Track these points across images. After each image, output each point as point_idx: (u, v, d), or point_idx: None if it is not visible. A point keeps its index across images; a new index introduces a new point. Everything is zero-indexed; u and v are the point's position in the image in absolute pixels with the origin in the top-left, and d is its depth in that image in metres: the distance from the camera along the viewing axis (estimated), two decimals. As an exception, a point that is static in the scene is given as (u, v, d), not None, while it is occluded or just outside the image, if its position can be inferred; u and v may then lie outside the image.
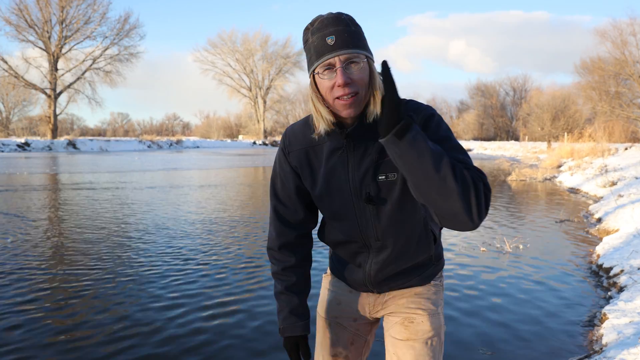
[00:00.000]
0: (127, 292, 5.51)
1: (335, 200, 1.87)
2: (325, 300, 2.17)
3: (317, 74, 1.69)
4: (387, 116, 1.50)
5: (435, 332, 1.96)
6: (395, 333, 1.98)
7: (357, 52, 1.65)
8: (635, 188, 12.13)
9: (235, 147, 71.32)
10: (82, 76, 66.25)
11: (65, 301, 5.21)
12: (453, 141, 1.69)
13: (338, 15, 1.70)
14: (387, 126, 1.50)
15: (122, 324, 4.59)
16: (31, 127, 78.72)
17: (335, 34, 1.65)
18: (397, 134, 1.48)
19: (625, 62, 45.36)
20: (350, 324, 2.10)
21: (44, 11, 61.46)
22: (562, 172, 22.74)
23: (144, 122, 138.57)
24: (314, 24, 1.70)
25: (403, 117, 1.50)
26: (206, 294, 5.50)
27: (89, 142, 54.72)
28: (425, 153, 1.47)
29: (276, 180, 2.00)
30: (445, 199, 1.49)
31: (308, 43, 1.71)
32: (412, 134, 1.48)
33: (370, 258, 1.94)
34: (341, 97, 1.65)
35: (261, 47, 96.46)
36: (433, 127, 1.71)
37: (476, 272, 6.47)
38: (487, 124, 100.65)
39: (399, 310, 2.00)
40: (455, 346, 4.24)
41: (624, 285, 5.55)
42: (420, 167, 1.48)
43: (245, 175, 22.78)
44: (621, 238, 7.57)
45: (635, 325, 4.19)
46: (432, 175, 1.47)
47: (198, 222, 9.90)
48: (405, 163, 1.51)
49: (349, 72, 1.64)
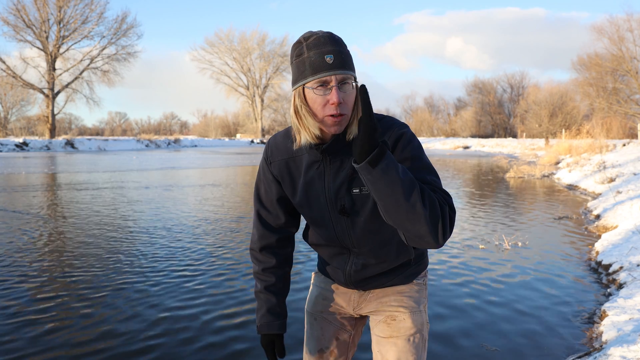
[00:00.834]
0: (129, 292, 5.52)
1: (313, 209, 1.96)
2: (312, 296, 2.26)
3: (310, 89, 1.72)
4: (362, 142, 1.53)
5: (417, 330, 2.03)
6: (379, 331, 2.06)
7: (350, 73, 1.73)
8: (634, 184, 12.14)
9: (233, 146, 71.34)
10: (79, 76, 66.33)
11: (64, 301, 5.21)
12: (423, 160, 1.77)
13: (332, 35, 1.77)
14: (361, 153, 1.53)
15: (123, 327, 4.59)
16: (29, 127, 78.57)
17: (334, 53, 1.71)
18: (371, 162, 1.51)
19: (622, 58, 45.42)
20: (335, 319, 2.19)
21: (42, 11, 61.54)
22: (560, 168, 22.77)
23: (141, 121, 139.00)
24: (309, 40, 1.75)
25: (377, 144, 1.53)
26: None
27: (87, 142, 54.71)
28: (397, 181, 1.51)
29: (260, 186, 2.08)
30: (413, 223, 1.56)
31: (303, 57, 1.74)
32: (385, 162, 1.51)
33: (350, 260, 2.02)
34: (333, 114, 1.71)
35: (258, 46, 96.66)
36: (403, 145, 1.78)
37: (475, 269, 6.46)
38: (484, 121, 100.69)
39: (382, 309, 2.08)
40: (453, 343, 4.24)
41: (623, 282, 5.55)
42: (391, 194, 1.53)
43: (243, 174, 22.77)
44: (620, 235, 7.57)
45: (635, 322, 4.20)
46: (401, 202, 1.53)
47: (199, 221, 9.90)
48: (376, 189, 1.55)
49: (342, 92, 1.71)
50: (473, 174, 23.36)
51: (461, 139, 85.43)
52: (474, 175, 22.60)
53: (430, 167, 1.76)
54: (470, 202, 13.06)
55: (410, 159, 1.75)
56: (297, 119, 1.78)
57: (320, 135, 1.79)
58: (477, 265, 6.68)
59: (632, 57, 45.26)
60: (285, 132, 1.98)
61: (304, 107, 1.75)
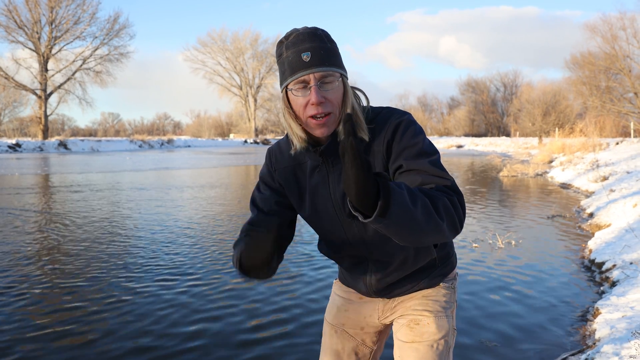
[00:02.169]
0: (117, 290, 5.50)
1: (322, 218, 1.85)
2: (333, 306, 2.13)
3: (290, 91, 1.65)
4: (359, 195, 1.23)
5: (441, 336, 1.87)
6: (401, 335, 1.92)
7: (332, 70, 1.63)
8: (627, 182, 12.18)
9: (226, 146, 71.20)
10: (72, 76, 66.11)
11: (61, 303, 5.19)
12: (420, 146, 1.65)
13: (314, 30, 1.67)
14: (362, 207, 1.27)
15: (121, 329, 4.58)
16: (22, 128, 78.27)
17: (311, 50, 1.61)
18: (380, 214, 1.27)
19: (615, 56, 45.52)
20: (357, 333, 2.06)
21: (33, 12, 61.26)
22: (553, 167, 22.81)
23: (134, 121, 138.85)
24: (289, 38, 1.67)
25: (376, 188, 1.26)
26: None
27: (80, 143, 54.49)
28: (411, 216, 1.32)
29: (256, 196, 1.92)
30: (433, 236, 1.43)
31: (282, 57, 1.67)
32: (394, 207, 1.28)
33: (369, 268, 1.90)
34: (314, 115, 1.62)
35: (251, 46, 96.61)
36: (401, 133, 1.68)
37: (468, 268, 6.47)
38: (478, 120, 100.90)
39: (406, 313, 1.95)
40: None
41: (617, 280, 5.57)
42: (408, 229, 1.35)
43: (237, 174, 22.74)
44: (613, 233, 7.60)
45: (628, 320, 4.21)
46: (419, 229, 1.37)
47: (196, 219, 9.89)
48: (391, 231, 1.35)
49: (323, 90, 1.62)
50: (467, 173, 23.38)
51: (455, 138, 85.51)
52: (467, 174, 22.63)
53: (427, 151, 1.64)
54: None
55: (408, 147, 1.65)
56: (286, 123, 1.71)
57: (311, 138, 1.72)
58: (470, 264, 6.68)
59: (625, 55, 45.37)
60: (287, 138, 1.86)
61: (287, 110, 1.68)
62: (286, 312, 4.93)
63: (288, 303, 5.18)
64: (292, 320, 4.73)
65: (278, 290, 5.55)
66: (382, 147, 1.70)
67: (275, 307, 5.07)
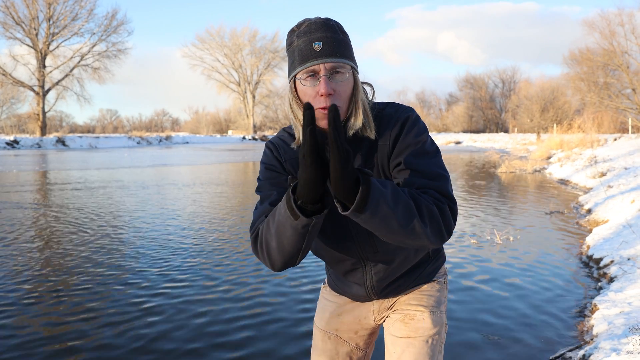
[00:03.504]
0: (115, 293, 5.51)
1: (328, 214, 1.78)
2: (324, 311, 2.09)
3: (299, 80, 1.61)
4: (337, 185, 1.31)
5: (436, 331, 1.88)
6: (395, 330, 1.91)
7: (344, 61, 1.59)
8: (625, 179, 12.20)
9: (224, 143, 71.11)
10: (70, 73, 66.06)
11: (59, 303, 5.20)
12: (423, 146, 1.66)
13: (327, 20, 1.64)
14: (342, 197, 1.34)
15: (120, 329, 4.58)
16: (20, 125, 78.24)
17: (323, 40, 1.58)
18: (357, 209, 1.34)
19: (613, 52, 45.47)
20: (351, 337, 2.04)
21: (31, 8, 61.18)
22: (551, 163, 22.85)
23: (133, 118, 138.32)
24: (301, 27, 1.63)
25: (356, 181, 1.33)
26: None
27: (78, 139, 54.42)
28: (390, 216, 1.38)
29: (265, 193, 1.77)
30: (415, 240, 1.47)
31: (292, 46, 1.63)
32: (372, 202, 1.34)
33: (367, 272, 1.87)
34: (322, 107, 1.58)
35: (249, 42, 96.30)
36: (407, 131, 1.67)
37: (466, 264, 6.48)
38: (476, 116, 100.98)
39: (400, 308, 1.94)
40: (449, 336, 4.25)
41: (614, 276, 5.58)
42: (386, 227, 1.41)
43: (235, 171, 22.73)
44: (611, 229, 7.61)
45: (625, 316, 4.22)
46: (399, 230, 1.42)
47: (193, 220, 9.88)
48: (369, 227, 1.42)
49: (333, 82, 1.58)
50: (465, 169, 23.40)
51: (453, 134, 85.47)
52: (465, 170, 22.64)
53: (429, 151, 1.65)
54: (462, 197, 13.08)
55: (411, 145, 1.64)
56: (292, 113, 1.67)
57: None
58: (468, 260, 6.69)
59: (623, 51, 45.31)
60: (287, 133, 1.83)
61: (294, 101, 1.65)
62: (286, 312, 4.95)
63: (286, 300, 5.20)
64: (292, 320, 4.75)
65: (278, 291, 5.58)
66: (389, 143, 1.68)
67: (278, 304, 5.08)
